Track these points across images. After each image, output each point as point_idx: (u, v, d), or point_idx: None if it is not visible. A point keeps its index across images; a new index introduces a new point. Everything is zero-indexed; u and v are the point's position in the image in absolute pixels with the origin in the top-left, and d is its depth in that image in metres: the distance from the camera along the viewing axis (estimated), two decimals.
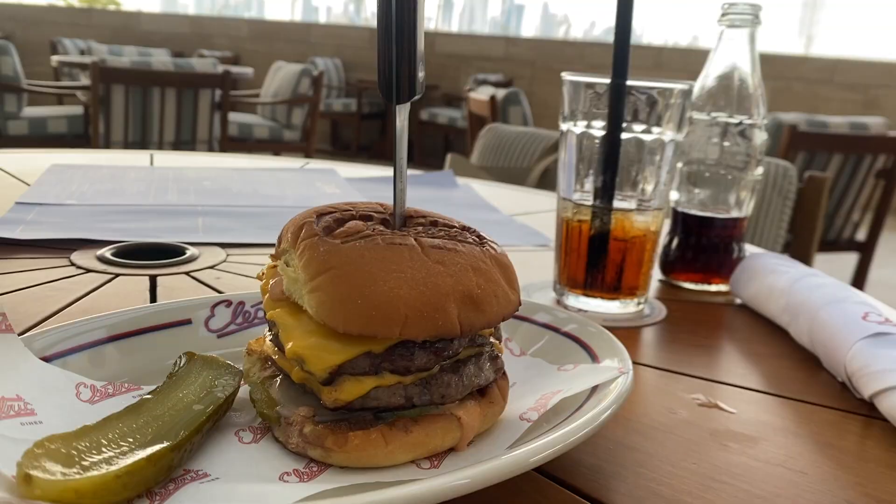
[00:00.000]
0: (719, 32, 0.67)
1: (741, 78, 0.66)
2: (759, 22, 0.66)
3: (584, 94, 0.58)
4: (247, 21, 8.56)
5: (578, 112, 0.59)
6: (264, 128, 5.07)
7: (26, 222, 0.73)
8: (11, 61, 4.45)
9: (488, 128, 1.57)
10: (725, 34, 0.66)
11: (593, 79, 0.58)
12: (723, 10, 0.66)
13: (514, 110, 3.52)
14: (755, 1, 0.66)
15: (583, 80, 0.58)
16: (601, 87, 0.57)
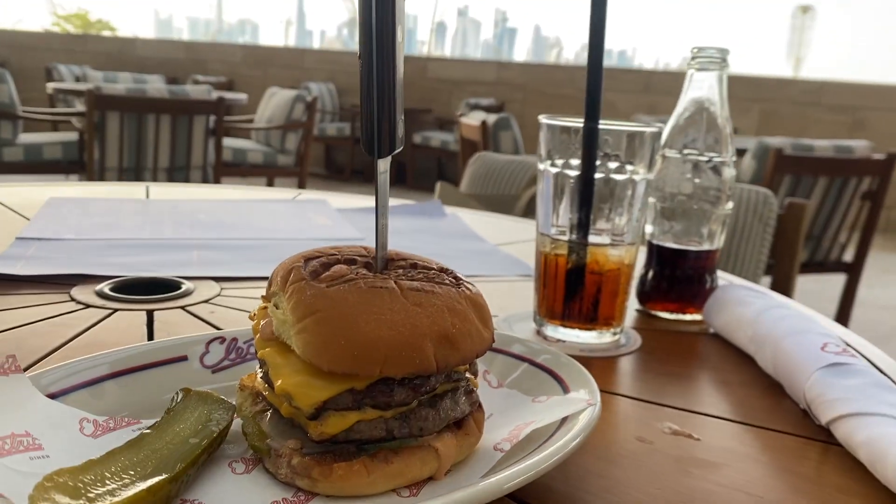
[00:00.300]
0: (689, 75, 0.71)
1: (710, 118, 0.70)
2: (726, 65, 0.70)
3: (560, 137, 0.62)
4: (241, 47, 8.64)
5: (554, 152, 0.62)
6: (258, 153, 5.11)
7: (27, 258, 0.76)
8: (7, 89, 4.49)
9: (477, 156, 1.61)
10: (695, 76, 0.70)
11: (568, 122, 0.61)
12: (692, 54, 0.70)
13: (505, 135, 3.57)
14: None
15: (558, 124, 0.62)
16: (575, 131, 0.60)
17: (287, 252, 0.85)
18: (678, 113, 0.71)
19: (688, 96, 0.71)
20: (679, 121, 0.71)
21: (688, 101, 0.71)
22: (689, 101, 0.71)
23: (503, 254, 0.93)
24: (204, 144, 4.24)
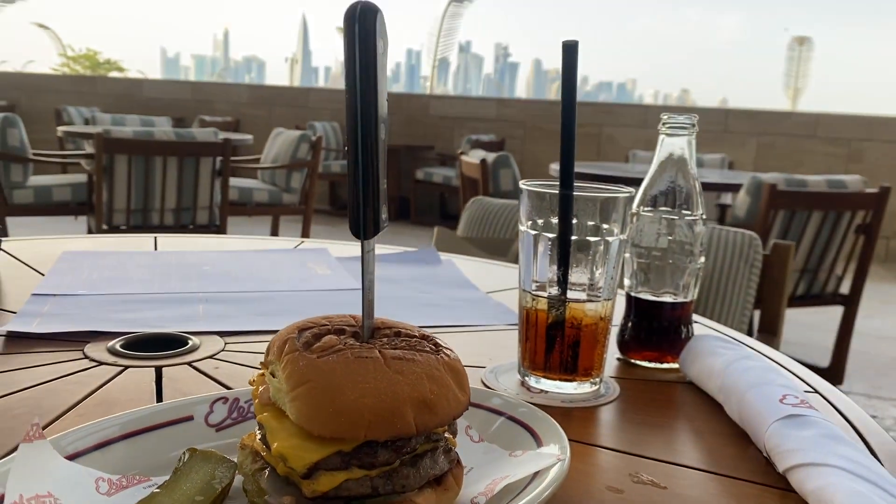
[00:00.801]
0: (661, 139, 0.76)
1: (682, 179, 0.75)
2: (696, 130, 0.75)
3: (538, 201, 0.66)
4: (247, 86, 8.80)
5: (534, 214, 0.67)
6: (264, 192, 5.19)
7: (42, 315, 0.80)
8: (18, 133, 4.59)
9: (473, 200, 1.66)
10: (666, 141, 0.75)
11: (545, 190, 0.66)
12: (663, 121, 0.75)
13: (505, 173, 3.63)
14: None
15: (535, 190, 0.67)
16: (552, 196, 0.65)
17: (289, 304, 0.89)
18: (651, 174, 0.76)
19: (660, 158, 0.76)
20: (653, 181, 0.76)
21: (660, 163, 0.76)
22: (661, 163, 0.76)
23: (493, 302, 0.97)
24: (210, 185, 4.32)
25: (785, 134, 6.21)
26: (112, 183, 4.10)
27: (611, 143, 6.89)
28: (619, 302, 0.78)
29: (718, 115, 6.53)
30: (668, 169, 0.75)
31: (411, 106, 7.84)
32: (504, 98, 7.52)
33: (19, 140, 4.57)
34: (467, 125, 7.51)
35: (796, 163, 6.14)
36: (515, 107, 7.39)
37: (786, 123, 6.26)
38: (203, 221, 4.40)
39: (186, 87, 9.02)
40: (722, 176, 3.75)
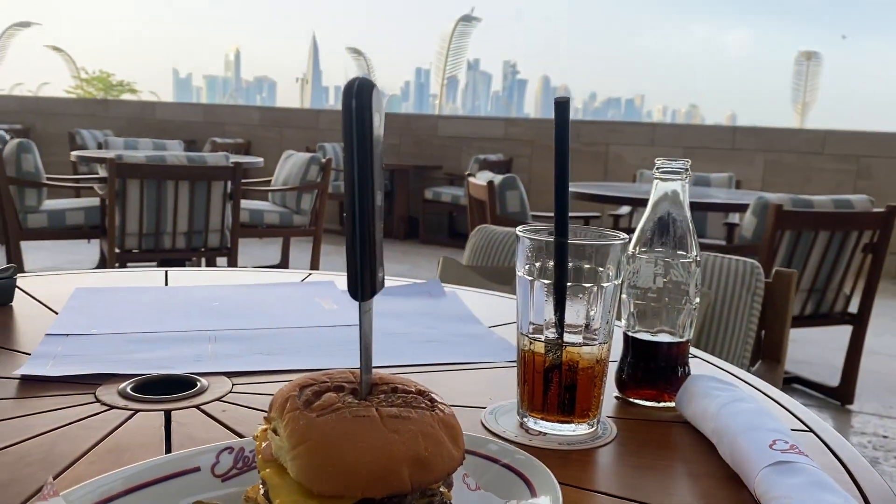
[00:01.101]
0: (655, 184, 0.77)
1: (676, 222, 0.77)
2: (689, 174, 0.77)
3: (534, 248, 0.68)
4: (258, 109, 8.89)
5: (529, 261, 0.69)
6: (275, 214, 5.24)
7: (55, 356, 0.83)
8: (33, 158, 4.66)
9: (478, 228, 1.68)
10: (660, 185, 0.77)
11: (541, 237, 0.68)
12: (657, 166, 0.77)
13: (512, 195, 3.66)
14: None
15: (531, 237, 0.69)
16: (547, 244, 0.67)
17: (296, 341, 0.92)
18: (646, 216, 0.78)
19: (654, 201, 0.78)
20: (648, 223, 0.78)
21: (655, 205, 0.78)
22: (655, 206, 0.77)
23: (496, 337, 0.99)
24: (222, 209, 4.37)
25: (793, 151, 6.22)
26: (125, 207, 4.16)
27: (618, 162, 6.91)
28: (618, 338, 0.79)
29: (726, 132, 6.54)
30: (662, 211, 0.77)
31: (420, 127, 7.90)
32: (511, 118, 7.57)
33: (34, 165, 4.64)
34: (475, 145, 7.55)
35: (805, 179, 6.14)
36: (523, 126, 7.43)
37: (793, 140, 6.27)
38: (214, 244, 4.44)
39: (198, 109, 9.13)
40: (729, 195, 3.75)
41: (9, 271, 1.04)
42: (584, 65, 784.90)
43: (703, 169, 6.50)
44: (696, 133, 6.68)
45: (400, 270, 6.08)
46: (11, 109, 10.13)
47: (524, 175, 7.36)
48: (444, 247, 7.23)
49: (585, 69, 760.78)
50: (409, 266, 6.25)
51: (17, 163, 4.59)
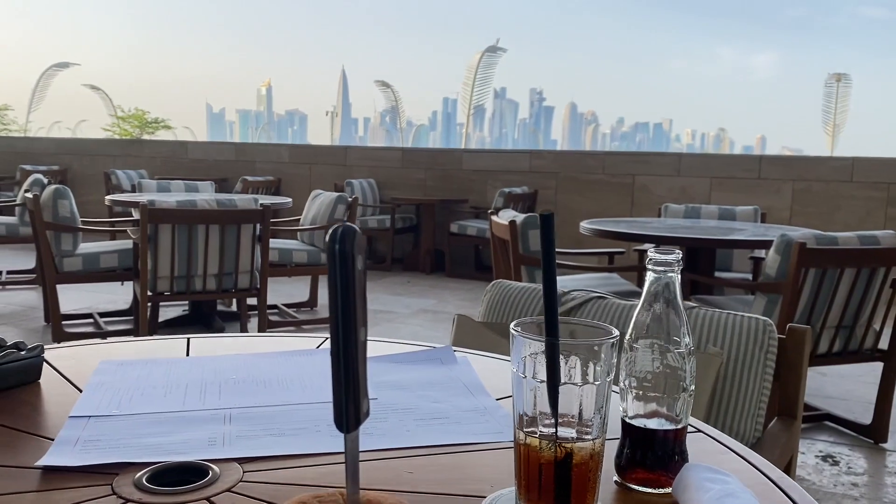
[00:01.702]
0: (648, 275, 0.80)
1: (670, 311, 0.79)
2: (681, 265, 0.79)
3: (527, 347, 0.71)
4: (287, 146, 9.07)
5: (522, 357, 0.71)
6: (303, 253, 5.33)
7: (77, 442, 0.87)
8: (68, 204, 4.81)
9: (493, 283, 1.71)
10: (653, 276, 0.79)
11: (534, 337, 0.71)
12: (649, 257, 0.79)
13: (534, 233, 3.67)
14: None
15: (523, 336, 0.71)
16: (539, 344, 0.70)
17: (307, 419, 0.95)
18: (640, 306, 0.80)
19: (648, 291, 0.80)
20: (642, 312, 0.80)
21: (648, 295, 0.80)
22: (649, 296, 0.79)
23: (503, 413, 1.01)
24: (251, 250, 4.47)
25: (821, 179, 6.15)
26: (156, 251, 4.26)
27: (644, 193, 6.89)
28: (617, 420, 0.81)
29: (752, 161, 6.50)
30: (656, 301, 0.79)
31: (445, 161, 7.98)
32: (536, 150, 7.61)
33: (69, 210, 4.79)
34: (500, 178, 7.60)
35: (834, 208, 6.06)
36: (547, 158, 7.47)
37: (821, 169, 6.20)
38: (244, 285, 4.53)
39: (230, 147, 9.34)
40: (754, 231, 3.73)
41: (36, 350, 1.09)
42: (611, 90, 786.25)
43: (730, 199, 6.46)
44: (722, 162, 6.65)
45: (426, 305, 6.11)
46: (50, 151, 10.47)
47: (550, 207, 7.39)
48: (470, 279, 7.26)
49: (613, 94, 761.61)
50: (435, 300, 6.27)
51: (54, 208, 4.74)
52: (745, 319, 1.42)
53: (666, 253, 0.79)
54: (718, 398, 1.41)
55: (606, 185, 7.10)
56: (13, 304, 5.75)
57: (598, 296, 1.60)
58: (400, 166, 8.21)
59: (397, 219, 7.76)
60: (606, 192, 7.09)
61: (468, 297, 6.45)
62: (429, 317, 5.69)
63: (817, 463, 3.00)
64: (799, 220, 6.17)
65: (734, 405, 1.39)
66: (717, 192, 6.51)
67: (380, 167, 8.31)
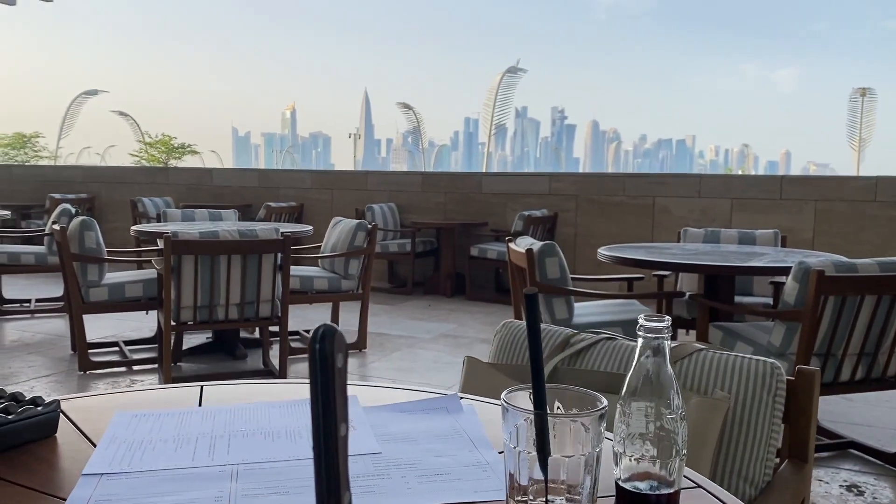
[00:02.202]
0: (639, 342, 0.81)
1: (661, 377, 0.80)
2: (670, 332, 0.80)
3: (517, 418, 0.73)
4: (310, 172, 9.20)
5: (515, 428, 0.73)
6: (324, 280, 5.38)
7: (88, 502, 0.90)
8: (94, 235, 4.92)
9: (503, 324, 1.72)
10: (643, 342, 0.80)
11: (523, 409, 0.72)
12: (640, 324, 0.81)
13: (551, 262, 3.68)
14: None
15: (513, 409, 0.73)
16: (526, 418, 0.71)
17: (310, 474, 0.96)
18: (633, 370, 0.81)
19: (639, 356, 0.81)
20: (635, 376, 0.81)
21: (639, 360, 0.81)
22: (640, 362, 0.81)
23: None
24: (272, 279, 4.52)
25: (844, 199, 6.08)
26: (180, 281, 4.34)
27: (665, 214, 6.87)
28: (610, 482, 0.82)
29: (773, 182, 6.45)
30: (646, 367, 0.80)
31: (465, 184, 8.02)
32: (555, 173, 7.64)
33: (95, 241, 4.89)
34: (520, 201, 7.62)
35: (858, 228, 5.98)
36: (566, 181, 7.48)
37: (844, 188, 6.14)
38: (266, 314, 4.58)
39: (253, 174, 9.48)
40: (773, 257, 3.70)
41: (52, 405, 1.12)
42: (633, 107, 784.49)
43: (751, 220, 6.41)
44: (742, 183, 6.61)
45: (446, 329, 6.12)
46: (78, 179, 10.70)
47: (570, 229, 7.39)
48: (490, 302, 7.26)
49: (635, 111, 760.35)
50: (455, 325, 6.28)
51: (81, 240, 4.84)
52: (752, 362, 1.42)
53: (656, 320, 0.80)
54: (727, 443, 1.41)
55: (627, 207, 7.08)
56: (42, 333, 5.86)
57: (607, 337, 1.60)
58: (420, 190, 8.27)
59: (418, 242, 7.80)
60: (627, 214, 7.07)
61: (488, 320, 6.45)
62: (449, 342, 5.70)
63: (842, 493, 2.95)
64: (822, 241, 6.10)
65: (742, 449, 1.39)
66: (738, 213, 6.47)
67: (400, 191, 8.37)
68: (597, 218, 7.26)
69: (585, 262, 7.08)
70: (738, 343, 3.27)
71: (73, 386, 4.49)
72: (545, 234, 7.27)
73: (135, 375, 4.75)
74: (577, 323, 3.73)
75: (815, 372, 1.41)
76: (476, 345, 5.59)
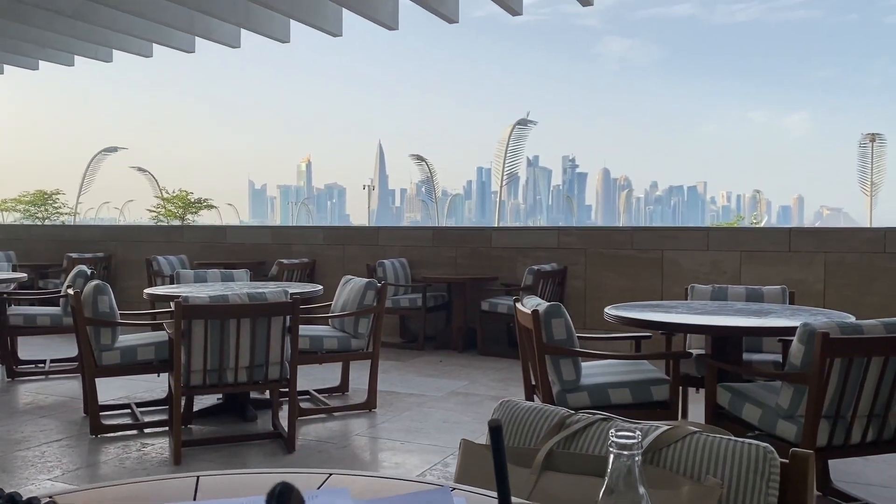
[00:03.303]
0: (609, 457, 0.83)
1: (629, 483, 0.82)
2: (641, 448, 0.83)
3: None
4: (322, 228, 9.32)
5: None
6: (334, 339, 5.41)
7: None
8: (108, 299, 4.99)
9: (501, 402, 1.74)
10: (612, 457, 0.83)
11: None
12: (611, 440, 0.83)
13: (557, 322, 3.69)
14: None
15: None
16: None
17: None
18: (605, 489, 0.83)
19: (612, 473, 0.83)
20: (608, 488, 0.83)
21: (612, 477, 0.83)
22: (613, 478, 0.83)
23: None
24: (281, 342, 4.55)
25: (853, 251, 6.06)
26: (190, 345, 4.37)
27: (674, 267, 6.87)
28: None
29: (781, 234, 6.46)
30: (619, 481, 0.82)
31: (475, 239, 8.09)
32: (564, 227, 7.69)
33: (108, 306, 4.96)
34: (530, 254, 7.66)
35: (868, 279, 5.95)
36: (575, 235, 7.52)
37: (853, 240, 6.12)
38: (275, 376, 4.60)
39: (267, 232, 9.61)
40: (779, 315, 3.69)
41: None
42: (643, 155, 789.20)
43: (761, 273, 6.39)
44: (751, 236, 6.62)
45: (457, 387, 6.10)
46: (96, 238, 10.88)
47: (580, 282, 7.40)
48: (502, 357, 7.23)
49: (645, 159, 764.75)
50: (467, 382, 6.26)
51: (94, 304, 4.92)
52: (744, 447, 1.43)
53: (626, 438, 0.82)
54: None
55: (636, 260, 7.10)
56: (55, 395, 5.90)
57: (602, 418, 1.61)
58: (431, 245, 8.34)
59: (429, 297, 7.83)
60: (636, 267, 7.08)
61: (499, 377, 6.42)
62: (460, 399, 5.67)
63: None
64: (832, 294, 6.06)
65: None
66: (747, 265, 6.46)
67: (411, 246, 8.44)
68: (606, 271, 7.27)
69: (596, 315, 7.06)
70: (746, 405, 3.25)
71: (84, 450, 4.50)
72: (555, 288, 7.27)
73: (145, 438, 4.76)
74: (584, 384, 3.72)
75: (808, 455, 1.41)
76: (486, 402, 5.56)
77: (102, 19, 10.15)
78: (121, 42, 11.49)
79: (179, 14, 10.04)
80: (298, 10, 9.42)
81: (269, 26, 10.42)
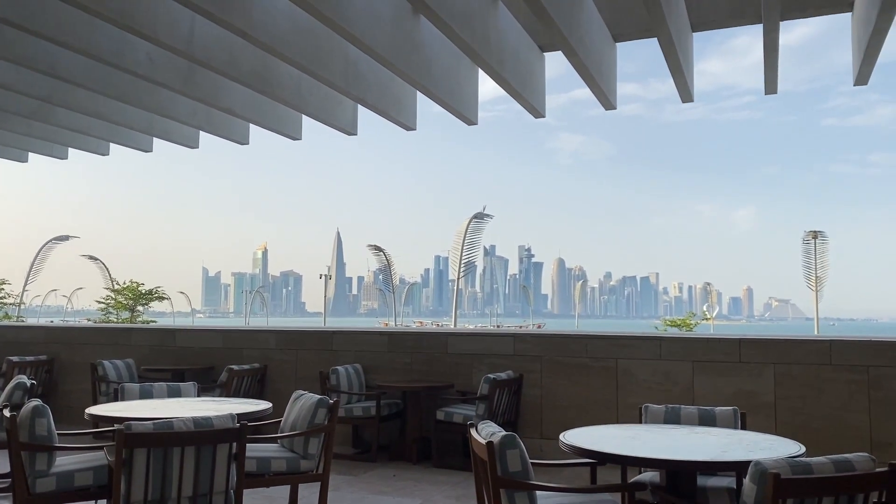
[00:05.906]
0: None
1: None
2: None
3: None
4: (274, 333, 9.18)
5: None
6: (282, 461, 5.25)
7: None
8: (46, 422, 4.78)
9: None
10: None
11: None
12: None
13: (512, 454, 3.64)
14: None
15: None
16: None
17: None
18: None
19: None
20: None
21: None
22: None
23: None
24: (227, 469, 4.39)
25: (799, 362, 6.19)
26: (131, 474, 4.18)
27: (627, 377, 6.90)
28: None
29: (732, 344, 6.58)
30: None
31: (430, 344, 8.04)
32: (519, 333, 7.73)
33: (46, 429, 4.74)
34: (486, 361, 7.63)
35: (816, 391, 6.06)
36: (530, 342, 7.54)
37: (798, 351, 6.27)
38: None
39: (217, 336, 9.40)
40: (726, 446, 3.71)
41: None
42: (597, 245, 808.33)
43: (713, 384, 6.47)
44: (702, 346, 6.72)
45: None
46: (39, 340, 10.51)
47: (536, 391, 7.36)
48: (458, 470, 7.06)
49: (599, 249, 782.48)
50: (421, 500, 6.07)
51: (31, 427, 4.70)
52: None
53: None
54: None
55: (590, 369, 7.12)
56: None
57: None
58: (386, 350, 8.25)
59: (383, 405, 7.67)
60: (591, 375, 7.10)
61: (455, 493, 6.24)
62: None
63: None
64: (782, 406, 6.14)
65: None
66: (699, 376, 6.53)
67: (366, 352, 8.34)
68: (562, 379, 7.27)
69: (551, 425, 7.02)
70: None
71: None
72: (511, 398, 7.22)
73: None
74: None
75: None
76: None
77: (60, 119, 10.15)
78: (77, 141, 11.47)
79: (138, 116, 10.10)
80: (259, 115, 9.57)
81: (228, 129, 10.53)
